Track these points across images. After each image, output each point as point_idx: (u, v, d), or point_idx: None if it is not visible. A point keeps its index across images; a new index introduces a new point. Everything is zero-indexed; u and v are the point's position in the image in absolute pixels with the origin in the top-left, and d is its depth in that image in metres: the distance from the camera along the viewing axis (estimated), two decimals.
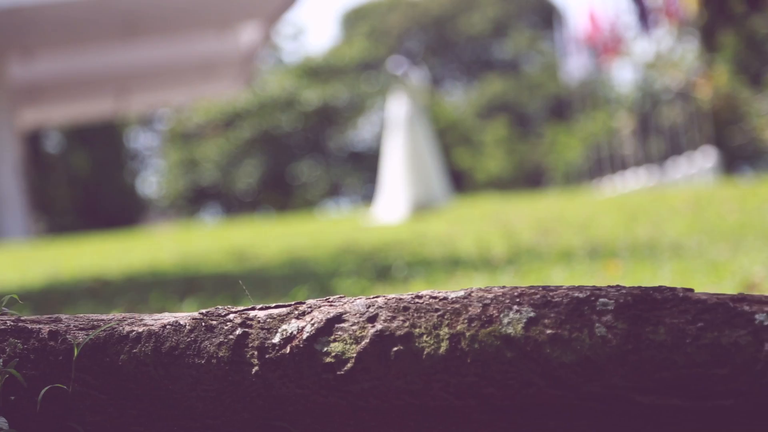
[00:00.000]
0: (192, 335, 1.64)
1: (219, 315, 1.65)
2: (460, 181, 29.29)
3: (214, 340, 1.63)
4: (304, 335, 1.58)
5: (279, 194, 31.73)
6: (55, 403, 1.65)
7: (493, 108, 34.38)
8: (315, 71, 32.92)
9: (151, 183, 35.72)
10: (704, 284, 4.68)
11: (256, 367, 1.60)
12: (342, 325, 1.58)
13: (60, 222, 28.14)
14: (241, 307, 1.66)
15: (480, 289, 1.55)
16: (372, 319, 1.57)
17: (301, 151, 32.27)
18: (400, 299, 1.57)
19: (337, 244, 10.06)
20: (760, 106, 21.38)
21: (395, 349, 1.53)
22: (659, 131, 23.69)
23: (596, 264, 5.93)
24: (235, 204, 32.11)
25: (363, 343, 1.55)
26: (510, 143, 33.23)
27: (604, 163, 25.09)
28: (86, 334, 1.67)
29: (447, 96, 36.06)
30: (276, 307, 1.63)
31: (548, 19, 36.19)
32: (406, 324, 1.54)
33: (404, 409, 1.54)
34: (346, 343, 1.56)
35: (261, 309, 1.64)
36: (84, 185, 29.30)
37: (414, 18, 36.75)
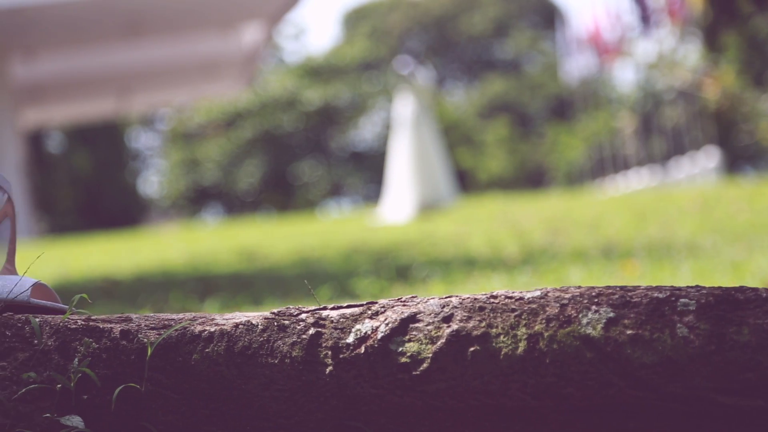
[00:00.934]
0: (264, 335, 1.65)
1: (291, 315, 1.66)
2: (462, 181, 29.28)
3: (287, 339, 1.63)
4: (379, 335, 1.59)
5: (280, 194, 31.71)
6: (127, 402, 1.66)
7: (494, 108, 34.35)
8: (316, 71, 32.89)
9: (153, 183, 35.70)
10: (726, 284, 4.67)
11: (330, 367, 1.60)
12: (416, 324, 1.59)
13: (62, 222, 28.11)
14: (313, 307, 1.67)
15: (556, 289, 1.55)
16: (447, 319, 1.57)
17: (302, 151, 32.24)
18: (475, 299, 1.58)
19: (346, 244, 10.06)
20: (765, 106, 21.39)
21: (472, 349, 1.54)
22: (661, 131, 23.70)
23: (613, 264, 5.93)
24: (236, 204, 32.10)
25: (439, 343, 1.56)
26: (511, 143, 33.21)
27: (606, 163, 25.10)
28: (158, 334, 1.68)
29: (448, 96, 36.07)
30: (347, 306, 1.64)
31: (549, 19, 36.15)
32: (483, 324, 1.55)
33: (480, 410, 1.54)
34: (421, 343, 1.57)
35: (332, 309, 1.65)
36: (86, 185, 29.28)
37: (415, 18, 36.71)
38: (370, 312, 1.63)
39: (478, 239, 9.06)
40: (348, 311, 1.63)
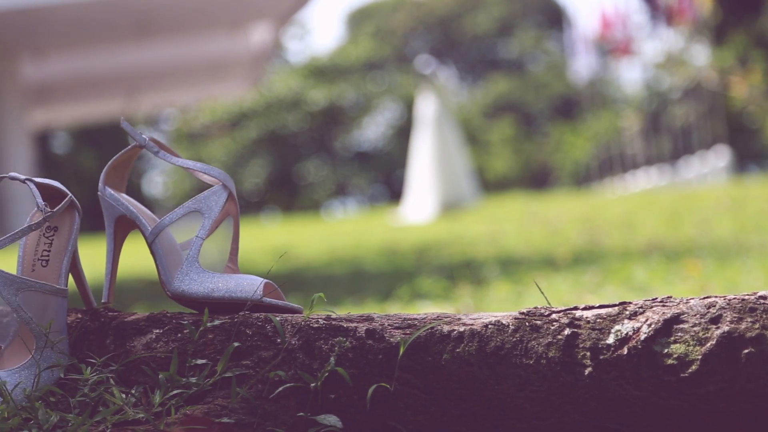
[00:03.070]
0: (517, 335, 1.62)
1: (542, 315, 1.64)
2: None
3: (541, 340, 1.61)
4: (641, 336, 1.57)
5: (285, 194, 31.68)
6: (374, 401, 1.64)
7: (498, 107, 34.34)
8: (321, 71, 32.86)
9: (157, 183, 35.62)
10: None
11: (589, 368, 1.58)
12: (681, 326, 1.56)
13: None
14: (563, 307, 1.64)
15: None
16: (715, 320, 1.55)
17: (307, 151, 32.21)
18: (744, 300, 1.56)
19: (378, 243, 10.03)
20: None
21: (746, 351, 1.52)
22: (669, 130, 23.71)
23: (673, 263, 5.89)
24: (241, 204, 32.00)
25: (708, 344, 1.54)
26: (516, 143, 33.21)
27: (612, 162, 25.10)
28: (404, 333, 1.65)
29: (453, 96, 36.03)
30: (600, 307, 1.62)
31: (553, 18, 36.16)
32: (756, 326, 1.53)
33: (752, 413, 1.52)
34: (688, 345, 1.54)
35: (585, 309, 1.63)
36: (91, 185, 29.20)
37: (419, 18, 36.69)
38: (627, 312, 1.60)
39: (514, 239, 9.03)
40: (603, 311, 1.61)
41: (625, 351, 1.56)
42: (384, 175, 32.56)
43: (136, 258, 10.62)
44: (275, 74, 33.20)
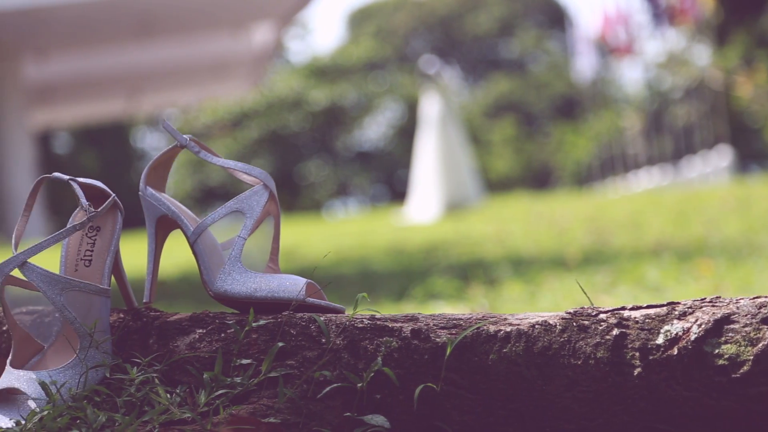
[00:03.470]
0: (564, 335, 1.61)
1: (589, 315, 1.63)
2: None
3: (589, 340, 1.60)
4: (692, 336, 1.56)
5: (287, 194, 31.66)
6: (421, 401, 1.63)
7: (500, 107, 34.33)
8: (322, 71, 32.84)
9: None
10: None
11: (639, 369, 1.57)
12: (732, 326, 1.55)
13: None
14: (611, 307, 1.63)
15: None
16: (766, 321, 1.54)
17: (308, 151, 32.20)
18: None
19: (384, 243, 10.01)
20: None
21: None
22: (671, 130, 23.70)
23: (684, 263, 5.87)
24: None
25: (760, 345, 1.52)
26: (517, 143, 33.20)
27: (613, 162, 25.09)
28: (449, 333, 1.64)
29: (455, 95, 35.99)
30: (648, 307, 1.61)
31: (555, 18, 36.15)
32: None
33: None
34: (739, 345, 1.53)
35: (632, 309, 1.62)
36: None
37: (420, 18, 36.69)
38: (676, 312, 1.59)
39: (521, 238, 9.01)
40: (651, 311, 1.60)
41: (675, 351, 1.55)
42: (385, 175, 32.56)
43: (140, 258, 10.58)
44: (276, 74, 33.19)
